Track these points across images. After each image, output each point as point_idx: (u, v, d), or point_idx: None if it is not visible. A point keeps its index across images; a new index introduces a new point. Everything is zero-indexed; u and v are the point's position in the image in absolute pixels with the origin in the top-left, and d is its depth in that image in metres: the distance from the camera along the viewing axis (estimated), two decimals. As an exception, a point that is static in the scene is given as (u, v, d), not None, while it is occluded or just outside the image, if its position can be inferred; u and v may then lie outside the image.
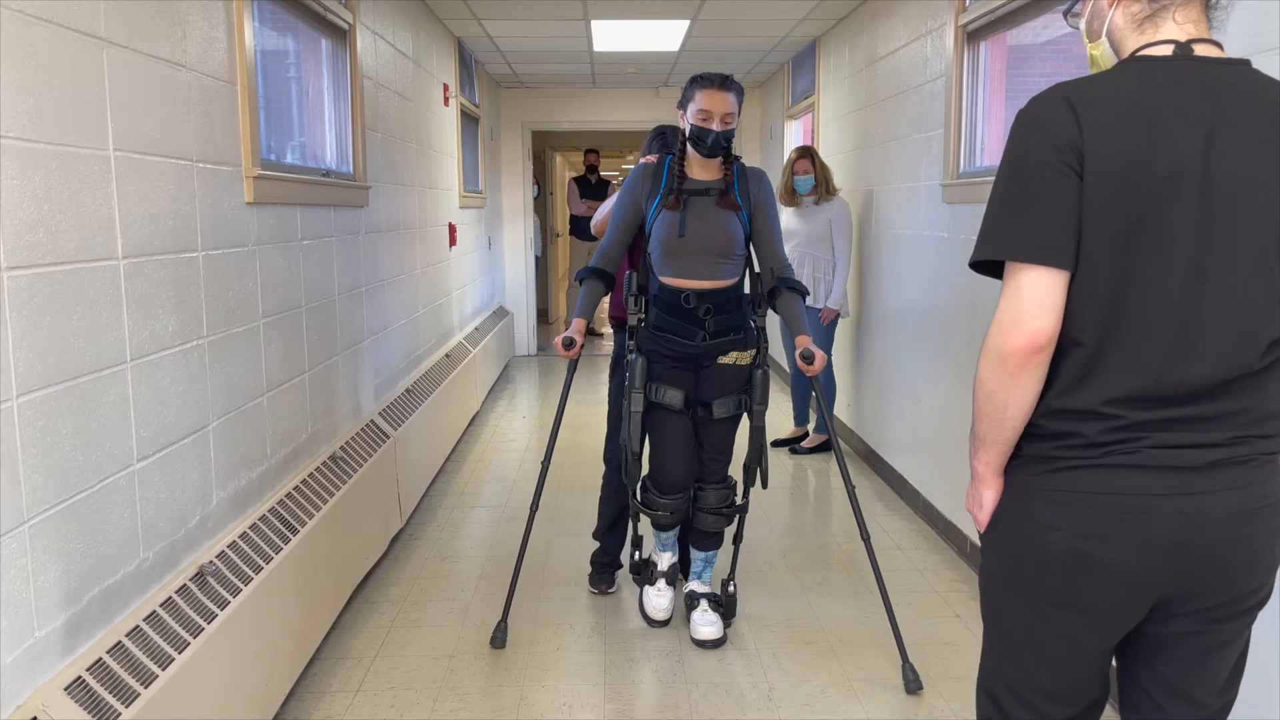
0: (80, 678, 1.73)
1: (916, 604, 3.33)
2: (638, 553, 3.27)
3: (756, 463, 3.03)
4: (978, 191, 3.56)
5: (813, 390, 5.37)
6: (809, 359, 2.88)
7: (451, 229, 5.84)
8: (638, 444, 2.98)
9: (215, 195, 2.42)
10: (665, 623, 3.18)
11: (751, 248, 3.05)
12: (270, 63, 3.06)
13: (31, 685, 1.65)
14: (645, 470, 3.16)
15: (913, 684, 2.75)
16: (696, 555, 3.22)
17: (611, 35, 6.16)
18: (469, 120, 6.83)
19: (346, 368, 3.56)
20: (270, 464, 2.77)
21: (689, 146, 2.92)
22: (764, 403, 3.00)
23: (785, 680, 2.82)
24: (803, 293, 3.02)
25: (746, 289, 3.08)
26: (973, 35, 3.74)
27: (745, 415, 3.06)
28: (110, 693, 1.77)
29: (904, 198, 4.48)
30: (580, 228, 10.13)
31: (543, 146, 11.34)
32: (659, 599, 3.19)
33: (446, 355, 5.48)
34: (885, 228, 4.79)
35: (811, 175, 5.05)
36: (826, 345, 5.11)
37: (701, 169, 2.97)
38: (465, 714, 2.64)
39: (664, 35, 6.16)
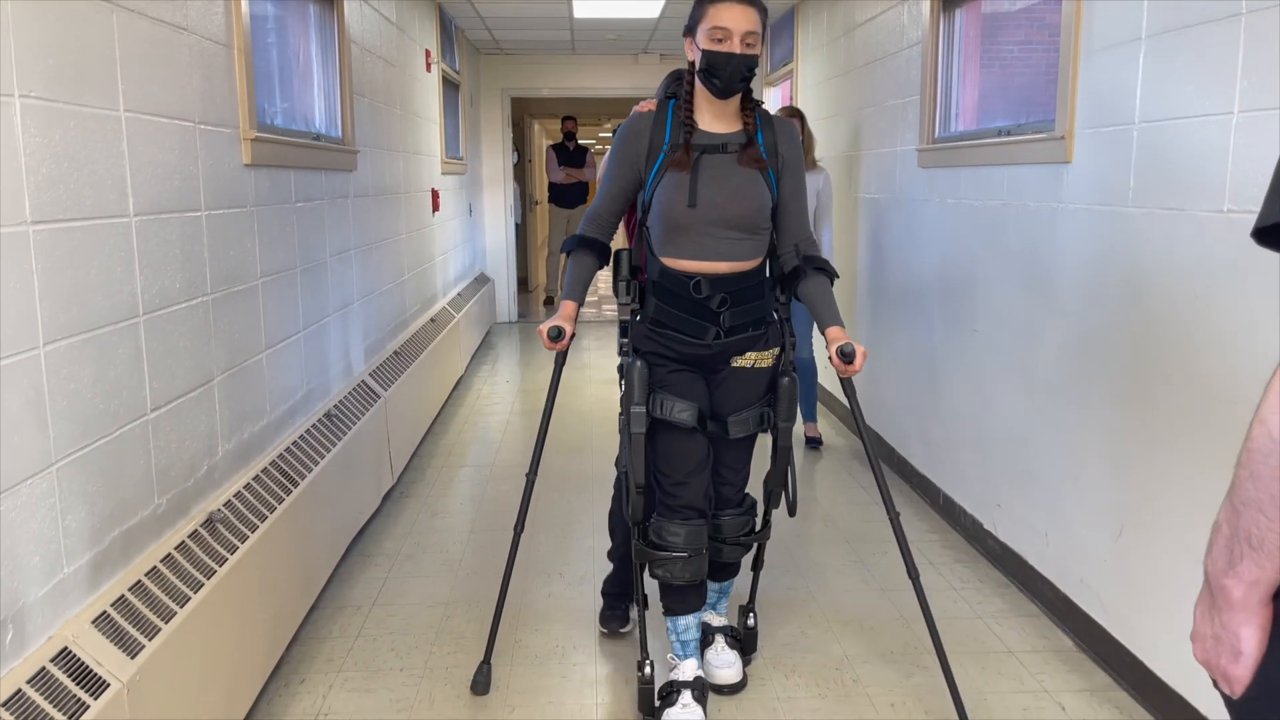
0: (105, 612, 1.82)
1: (891, 553, 3.47)
2: (649, 668, 2.44)
3: (781, 485, 2.50)
4: (953, 156, 3.67)
5: (815, 376, 4.82)
6: (849, 356, 2.29)
7: (434, 194, 5.90)
8: (642, 473, 2.36)
9: (216, 156, 2.49)
10: None
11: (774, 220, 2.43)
12: (262, 28, 3.11)
13: (61, 618, 1.75)
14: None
15: None
16: (710, 586, 2.68)
17: (592, 1, 6.19)
18: (450, 86, 6.85)
19: (338, 328, 3.64)
20: (270, 419, 2.86)
21: (699, 83, 2.30)
22: (790, 418, 2.44)
23: (767, 624, 2.95)
24: (832, 275, 2.43)
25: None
26: (948, 2, 3.84)
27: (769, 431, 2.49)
28: (134, 627, 1.86)
29: (881, 163, 4.59)
30: (559, 195, 10.17)
31: (521, 114, 11.33)
32: (685, 715, 2.39)
33: (431, 320, 5.56)
34: (863, 193, 4.90)
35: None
36: (808, 326, 5.00)
37: (715, 117, 2.33)
38: (462, 656, 2.76)
39: (644, 2, 6.20)
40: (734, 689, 2.57)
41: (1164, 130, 2.36)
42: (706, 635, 2.66)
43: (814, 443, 4.84)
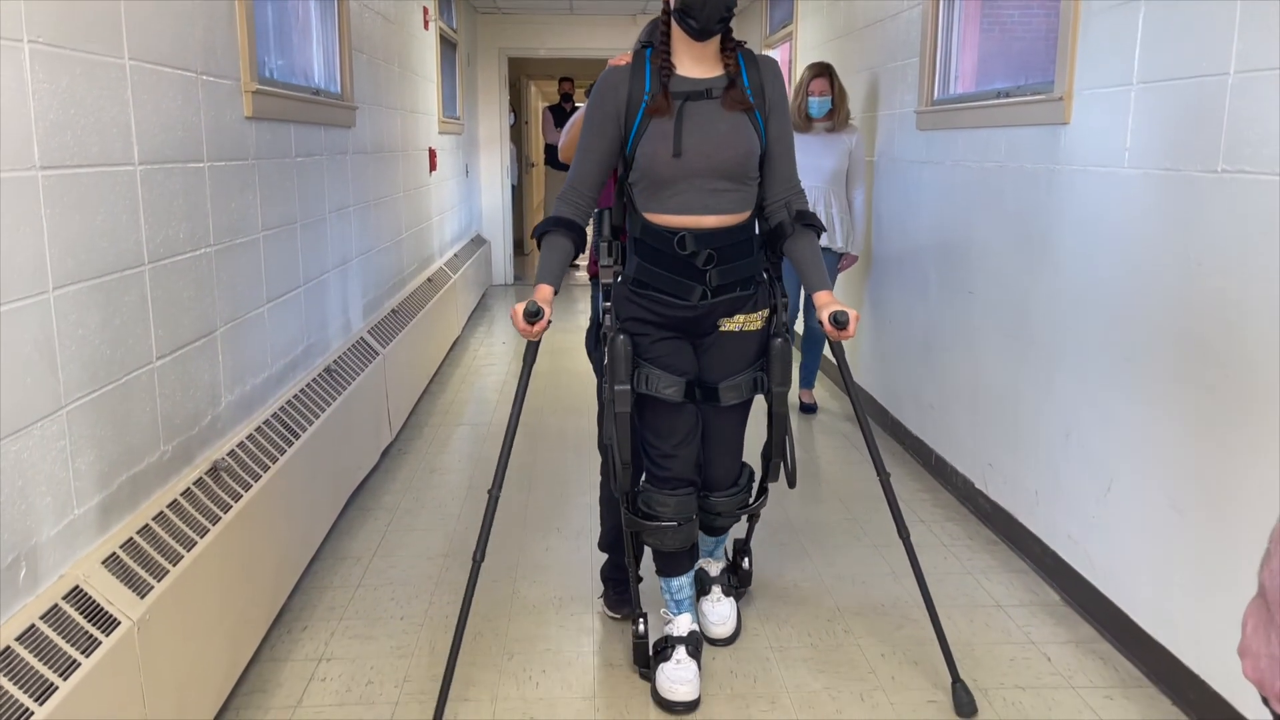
0: (115, 554, 1.86)
1: (883, 511, 3.52)
2: (643, 623, 2.46)
3: (780, 456, 2.42)
4: (951, 118, 3.68)
5: (825, 352, 4.80)
6: (841, 323, 2.22)
7: (432, 154, 5.88)
8: (628, 450, 2.29)
9: (218, 108, 2.49)
10: (692, 704, 2.32)
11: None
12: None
13: (71, 558, 1.79)
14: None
15: (966, 707, 2.30)
16: (705, 539, 2.66)
17: (591, -40, 6.15)
18: (447, 45, 6.81)
19: (337, 285, 3.66)
20: (271, 372, 2.88)
21: (675, 25, 2.18)
22: (785, 382, 2.33)
23: (760, 578, 3.01)
24: (820, 230, 2.33)
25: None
26: (950, -36, 3.83)
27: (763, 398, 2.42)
28: (142, 568, 1.90)
29: (879, 125, 4.59)
30: (555, 157, 10.14)
31: (518, 74, 11.27)
32: (679, 672, 2.34)
33: (429, 279, 5.57)
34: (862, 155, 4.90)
35: (829, 97, 4.36)
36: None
37: (695, 61, 2.20)
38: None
39: (644, -39, 6.15)
40: (727, 641, 2.62)
41: (1161, 91, 2.38)
42: (703, 584, 2.68)
43: (809, 409, 4.83)
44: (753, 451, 2.56)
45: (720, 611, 2.62)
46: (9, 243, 1.59)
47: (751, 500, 2.55)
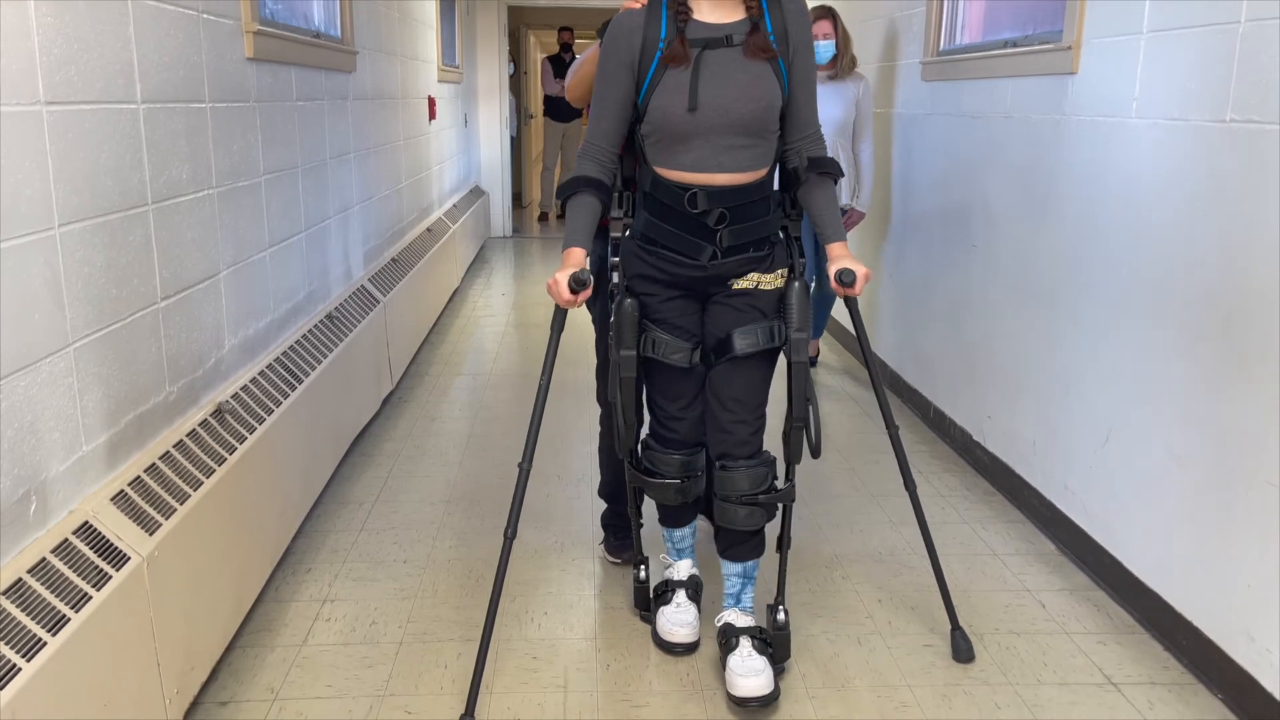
0: (123, 491, 1.88)
1: (882, 463, 3.56)
2: (643, 568, 2.49)
3: (803, 420, 2.16)
4: (957, 68, 3.65)
5: (831, 307, 4.66)
6: (849, 281, 2.11)
7: (431, 102, 5.83)
8: (632, 414, 2.23)
9: (219, 48, 2.47)
10: (691, 645, 2.35)
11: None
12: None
13: (81, 494, 1.80)
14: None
15: (965, 653, 2.33)
16: (730, 570, 2.31)
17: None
18: (446, -8, 6.72)
19: (338, 231, 3.65)
20: (274, 317, 2.88)
21: None
22: (805, 326, 2.13)
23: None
24: (837, 177, 2.20)
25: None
26: (959, -89, 3.77)
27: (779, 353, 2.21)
28: (151, 506, 1.92)
29: (885, 76, 4.55)
30: (553, 108, 10.04)
31: (517, 24, 11.12)
32: (678, 615, 2.36)
33: (428, 229, 5.55)
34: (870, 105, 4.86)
35: (833, 41, 4.14)
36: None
37: (713, 5, 2.03)
38: (465, 550, 2.85)
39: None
40: (763, 702, 2.12)
41: (1170, 40, 2.36)
42: (730, 639, 2.25)
43: (810, 360, 4.80)
44: (771, 441, 2.32)
45: (751, 664, 2.17)
46: (16, 178, 1.59)
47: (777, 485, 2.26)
